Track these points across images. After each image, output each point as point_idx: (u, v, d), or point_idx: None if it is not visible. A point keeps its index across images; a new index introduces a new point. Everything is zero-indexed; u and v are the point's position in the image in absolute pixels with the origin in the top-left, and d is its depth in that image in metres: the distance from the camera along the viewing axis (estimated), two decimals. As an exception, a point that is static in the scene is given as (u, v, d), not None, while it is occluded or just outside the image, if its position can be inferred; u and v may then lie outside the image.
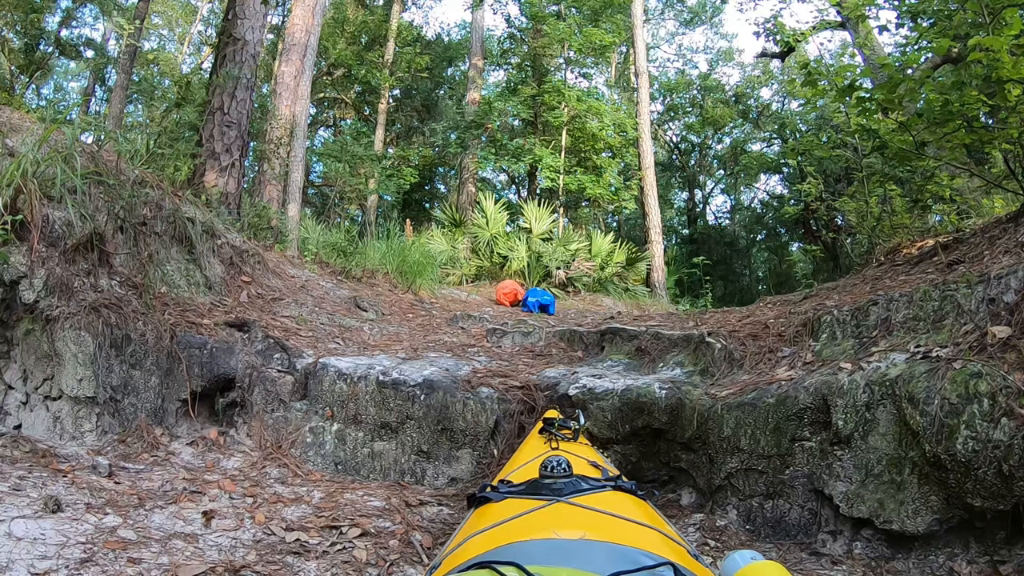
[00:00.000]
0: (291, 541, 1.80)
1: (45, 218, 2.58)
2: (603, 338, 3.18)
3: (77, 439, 2.41)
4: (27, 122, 3.58)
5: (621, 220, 18.38)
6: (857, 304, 2.32)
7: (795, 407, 1.98)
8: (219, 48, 5.85)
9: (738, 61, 23.06)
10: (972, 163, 3.92)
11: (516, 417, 2.44)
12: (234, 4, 5.72)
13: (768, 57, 14.58)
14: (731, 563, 0.92)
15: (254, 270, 3.91)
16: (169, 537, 1.72)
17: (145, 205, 3.13)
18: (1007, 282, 1.88)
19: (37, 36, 12.51)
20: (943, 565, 1.66)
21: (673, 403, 2.25)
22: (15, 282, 2.43)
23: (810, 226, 12.02)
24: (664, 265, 12.04)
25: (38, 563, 1.44)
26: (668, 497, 2.28)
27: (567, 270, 9.33)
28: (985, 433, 1.57)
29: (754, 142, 19.38)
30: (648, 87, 13.64)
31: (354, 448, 2.58)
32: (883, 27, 4.78)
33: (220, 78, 5.45)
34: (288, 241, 6.22)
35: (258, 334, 2.94)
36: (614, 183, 13.05)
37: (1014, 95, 2.64)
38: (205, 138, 5.45)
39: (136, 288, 2.84)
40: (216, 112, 5.46)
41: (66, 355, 2.45)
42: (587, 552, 0.82)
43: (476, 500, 1.19)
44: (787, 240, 17.60)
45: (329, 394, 2.69)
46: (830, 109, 8.86)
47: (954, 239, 2.99)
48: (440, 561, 0.97)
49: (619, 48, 17.07)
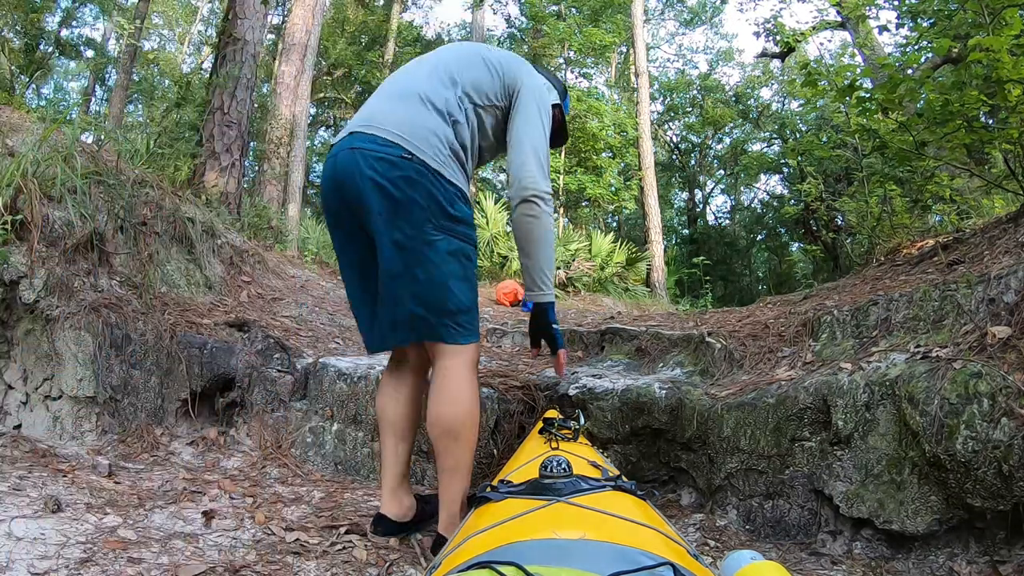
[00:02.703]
0: (291, 541, 1.80)
1: (45, 218, 2.58)
2: (603, 338, 3.18)
3: (77, 439, 2.41)
4: (27, 122, 3.58)
5: (621, 220, 18.40)
6: (857, 304, 2.32)
7: (795, 407, 1.98)
8: (219, 48, 5.85)
9: (738, 61, 23.11)
10: (972, 163, 3.92)
11: (516, 417, 2.44)
12: (234, 4, 5.72)
13: (768, 57, 14.60)
14: (731, 563, 0.92)
15: (254, 270, 3.91)
16: (169, 537, 1.72)
17: (145, 205, 3.13)
18: (1007, 282, 1.89)
19: (37, 36, 12.52)
20: (943, 565, 1.66)
21: (673, 403, 2.25)
22: (15, 282, 2.43)
23: (810, 226, 12.02)
24: (664, 265, 12.05)
25: (38, 563, 1.44)
26: (668, 497, 2.28)
27: (567, 270, 9.34)
28: (985, 433, 1.57)
29: (754, 142, 19.40)
30: (648, 87, 13.65)
31: (354, 448, 2.59)
32: (883, 27, 4.78)
33: (220, 78, 5.46)
34: (288, 241, 6.23)
35: (258, 334, 2.94)
36: (614, 183, 13.06)
37: (1014, 95, 2.64)
38: (205, 138, 5.45)
39: (136, 288, 2.84)
40: (216, 112, 5.47)
41: (66, 355, 2.45)
42: (587, 552, 0.81)
43: (476, 500, 1.19)
44: (787, 240, 17.61)
45: (329, 394, 2.69)
46: (830, 109, 8.87)
47: (954, 239, 2.99)
48: (440, 561, 0.97)
49: (619, 48, 17.07)
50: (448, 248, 1.63)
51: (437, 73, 1.76)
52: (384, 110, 1.72)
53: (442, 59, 1.83)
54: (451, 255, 1.64)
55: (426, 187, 1.60)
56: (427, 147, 1.63)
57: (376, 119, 1.69)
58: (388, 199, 1.60)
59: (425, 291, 1.62)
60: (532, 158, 1.72)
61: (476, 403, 1.70)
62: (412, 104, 1.69)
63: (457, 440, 1.65)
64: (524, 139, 1.74)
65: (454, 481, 1.67)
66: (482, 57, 1.83)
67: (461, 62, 1.80)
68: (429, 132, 1.65)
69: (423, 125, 1.65)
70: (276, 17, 12.76)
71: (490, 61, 1.81)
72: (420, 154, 1.61)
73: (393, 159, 1.60)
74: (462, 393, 1.67)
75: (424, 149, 1.62)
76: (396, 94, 1.75)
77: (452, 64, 1.79)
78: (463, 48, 1.89)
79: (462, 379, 1.67)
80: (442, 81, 1.74)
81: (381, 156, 1.61)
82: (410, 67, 1.87)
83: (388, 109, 1.71)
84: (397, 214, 1.60)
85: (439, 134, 1.66)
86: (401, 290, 1.63)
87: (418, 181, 1.60)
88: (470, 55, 1.84)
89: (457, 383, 1.66)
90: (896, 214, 4.57)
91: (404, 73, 1.86)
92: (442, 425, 1.65)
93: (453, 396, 1.67)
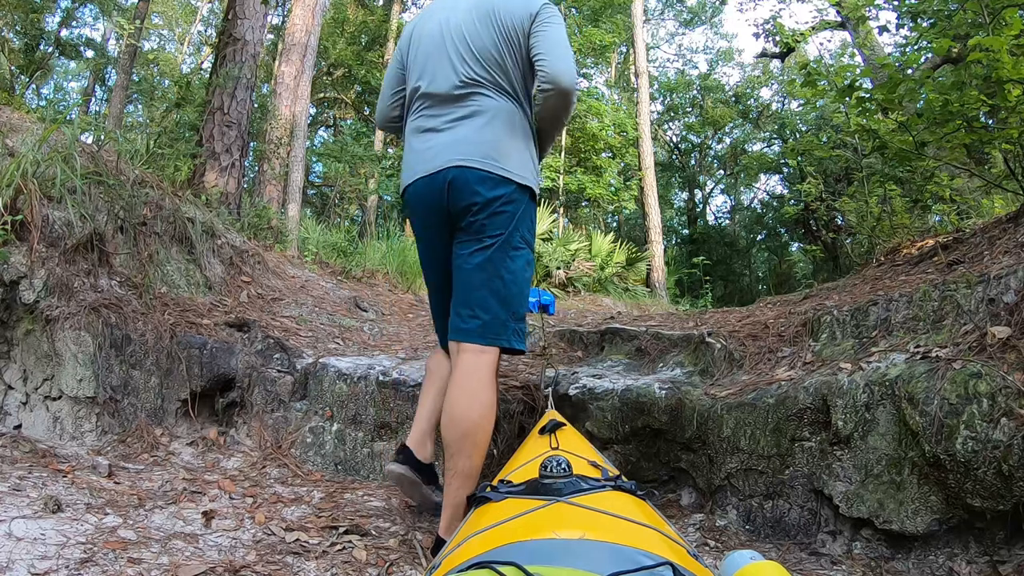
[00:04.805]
0: (291, 541, 1.80)
1: (45, 218, 2.58)
2: (603, 338, 3.18)
3: (77, 439, 2.41)
4: (27, 122, 3.58)
5: (621, 220, 18.40)
6: (857, 304, 2.32)
7: (795, 407, 1.98)
8: (219, 48, 5.85)
9: (738, 61, 23.12)
10: (972, 163, 3.92)
11: (516, 417, 2.44)
12: (234, 4, 5.72)
13: (768, 57, 14.60)
14: (731, 563, 0.92)
15: (254, 270, 3.91)
16: (169, 537, 1.72)
17: (145, 205, 3.13)
18: (1007, 282, 1.89)
19: (37, 36, 12.51)
20: (943, 565, 1.66)
21: (673, 403, 2.25)
22: (15, 282, 2.43)
23: (810, 226, 12.03)
24: (664, 265, 12.05)
25: (38, 563, 1.45)
26: (668, 497, 2.28)
27: (567, 270, 9.33)
28: (985, 433, 1.57)
29: (754, 142, 19.39)
30: (648, 87, 13.65)
31: (354, 448, 2.59)
32: (883, 27, 4.77)
33: (220, 78, 5.46)
34: (288, 241, 6.22)
35: (258, 334, 2.94)
36: (614, 183, 13.06)
37: (1014, 95, 2.64)
38: (205, 138, 5.45)
39: (136, 288, 2.84)
40: (216, 112, 5.47)
41: (66, 355, 2.45)
42: (587, 552, 0.82)
43: (476, 500, 1.19)
44: (787, 240, 17.60)
45: (329, 394, 2.69)
46: (830, 109, 8.86)
47: (954, 239, 2.99)
48: (440, 561, 0.97)
49: (619, 48, 17.07)
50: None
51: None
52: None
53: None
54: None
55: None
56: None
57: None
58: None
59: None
60: (569, 54, 1.82)
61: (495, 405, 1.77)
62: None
63: (474, 442, 1.69)
64: (560, 39, 1.82)
65: (464, 485, 1.68)
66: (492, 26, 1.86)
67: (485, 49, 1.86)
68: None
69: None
70: (276, 17, 12.76)
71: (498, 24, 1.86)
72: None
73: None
74: (485, 393, 1.73)
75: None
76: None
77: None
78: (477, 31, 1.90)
79: (488, 379, 1.75)
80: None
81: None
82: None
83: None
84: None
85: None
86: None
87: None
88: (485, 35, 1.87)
89: (481, 382, 1.73)
90: (896, 214, 4.57)
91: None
92: (462, 425, 1.69)
93: (475, 396, 1.73)
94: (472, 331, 1.75)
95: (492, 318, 1.75)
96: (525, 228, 1.85)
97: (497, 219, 1.77)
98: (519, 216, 1.81)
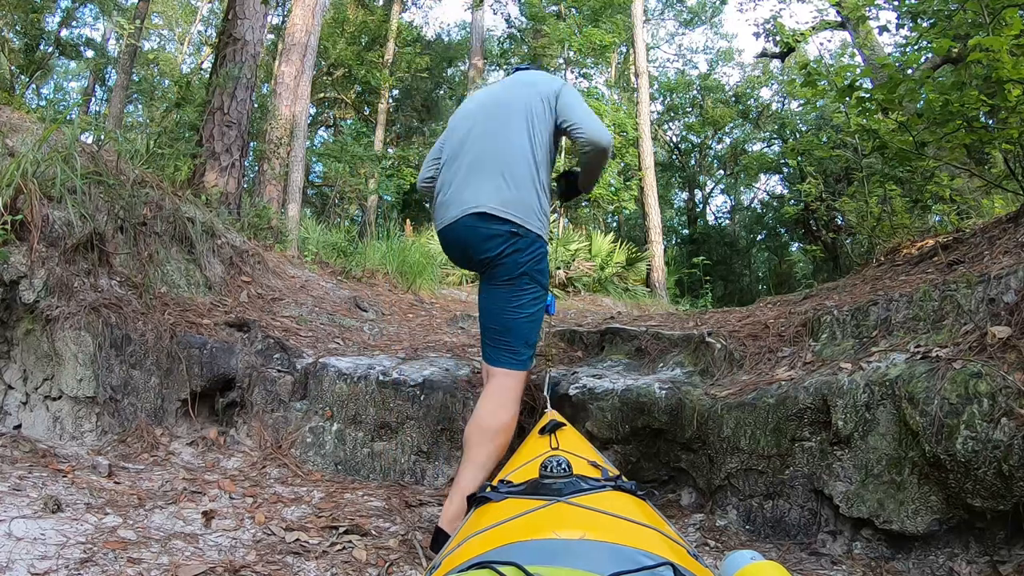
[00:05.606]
0: (291, 541, 1.80)
1: (45, 218, 2.58)
2: (603, 338, 3.18)
3: (77, 439, 2.41)
4: (27, 122, 3.58)
5: (621, 220, 18.39)
6: (857, 304, 2.32)
7: (795, 407, 1.98)
8: (219, 48, 5.85)
9: (738, 61, 23.07)
10: (972, 163, 3.92)
11: (516, 417, 2.44)
12: (234, 4, 5.72)
13: (768, 57, 14.60)
14: (731, 563, 0.92)
15: (254, 270, 3.91)
16: (169, 537, 1.72)
17: (145, 205, 3.13)
18: (1007, 282, 1.89)
19: (37, 36, 12.51)
20: (943, 565, 1.66)
21: (673, 403, 2.25)
22: (15, 282, 2.43)
23: (810, 226, 12.02)
24: (664, 265, 12.03)
25: (38, 563, 1.44)
26: (668, 497, 2.28)
27: (567, 270, 9.33)
28: (985, 433, 1.57)
29: (754, 142, 19.37)
30: (648, 87, 13.65)
31: (354, 448, 2.59)
32: (883, 27, 4.77)
33: (220, 78, 5.46)
34: (288, 241, 6.22)
35: (258, 334, 2.94)
36: (614, 183, 13.04)
37: (1014, 95, 2.64)
38: (205, 138, 5.45)
39: (136, 288, 2.84)
40: (216, 112, 5.47)
41: (66, 355, 2.45)
42: (587, 552, 0.81)
43: (476, 500, 1.19)
44: (787, 240, 17.58)
45: (329, 394, 2.69)
46: (830, 109, 8.86)
47: (954, 239, 2.99)
48: (440, 561, 0.97)
49: (619, 48, 17.06)
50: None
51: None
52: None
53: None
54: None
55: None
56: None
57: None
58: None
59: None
60: (599, 121, 2.06)
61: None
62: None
63: (493, 441, 1.84)
64: (587, 109, 2.05)
65: (478, 476, 1.79)
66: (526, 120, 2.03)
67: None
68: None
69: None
70: (276, 17, 12.75)
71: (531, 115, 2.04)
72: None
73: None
74: (510, 406, 1.93)
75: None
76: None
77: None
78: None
79: (513, 397, 1.95)
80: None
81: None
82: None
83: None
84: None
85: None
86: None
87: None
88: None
89: (505, 399, 1.93)
90: (896, 214, 4.57)
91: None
92: (485, 424, 1.87)
93: (502, 405, 1.91)
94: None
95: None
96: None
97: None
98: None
